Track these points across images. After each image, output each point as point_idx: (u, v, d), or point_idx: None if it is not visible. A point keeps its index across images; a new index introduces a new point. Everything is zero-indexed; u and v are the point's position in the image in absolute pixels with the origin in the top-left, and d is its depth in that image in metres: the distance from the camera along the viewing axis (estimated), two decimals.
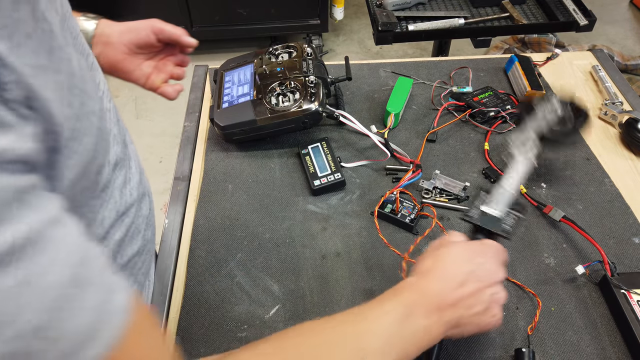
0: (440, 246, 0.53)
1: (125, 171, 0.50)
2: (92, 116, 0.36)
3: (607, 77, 0.99)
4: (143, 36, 0.69)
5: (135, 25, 0.69)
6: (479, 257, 0.52)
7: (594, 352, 0.60)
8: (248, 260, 0.71)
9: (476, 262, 0.51)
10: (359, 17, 3.00)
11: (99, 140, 0.37)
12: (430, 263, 0.51)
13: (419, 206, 0.74)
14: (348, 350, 0.43)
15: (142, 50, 0.70)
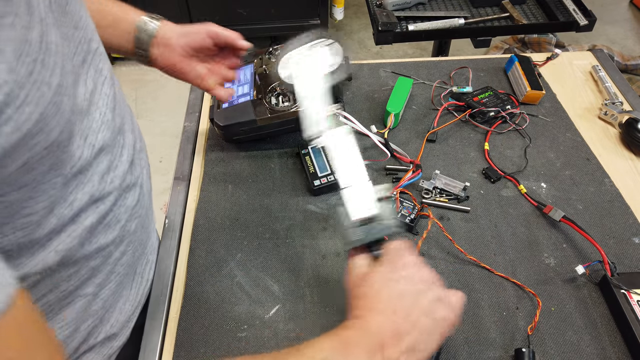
0: (357, 282, 0.49)
1: (112, 158, 0.50)
2: (43, 87, 0.35)
3: (607, 77, 0.99)
4: (199, 40, 0.72)
5: (193, 29, 0.72)
6: (394, 273, 0.48)
7: (594, 352, 0.60)
8: (248, 260, 0.71)
9: (395, 279, 0.48)
10: (359, 17, 3.00)
11: (51, 114, 0.37)
12: (359, 302, 0.48)
13: (418, 206, 0.74)
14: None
15: (198, 53, 0.73)
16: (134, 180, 0.55)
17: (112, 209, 0.51)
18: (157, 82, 2.55)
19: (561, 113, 0.94)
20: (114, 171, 0.50)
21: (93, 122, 0.46)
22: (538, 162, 0.84)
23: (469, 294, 0.66)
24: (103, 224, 0.50)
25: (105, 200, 0.49)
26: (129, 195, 0.54)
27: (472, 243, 0.72)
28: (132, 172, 0.55)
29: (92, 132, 0.46)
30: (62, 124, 0.39)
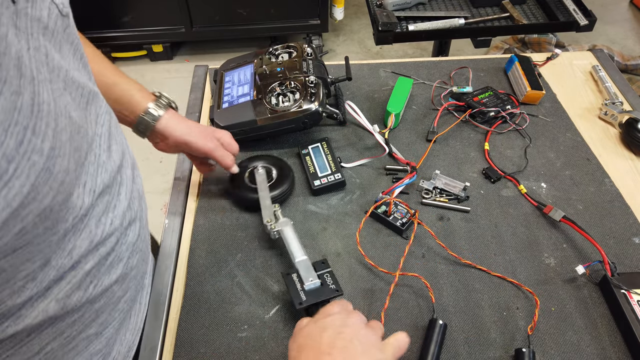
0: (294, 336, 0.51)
1: (109, 199, 0.47)
2: (34, 156, 0.32)
3: (607, 77, 0.99)
4: (196, 154, 0.73)
5: (194, 141, 0.71)
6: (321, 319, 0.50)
7: (594, 352, 0.60)
8: (248, 260, 0.71)
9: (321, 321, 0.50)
10: (359, 17, 3.00)
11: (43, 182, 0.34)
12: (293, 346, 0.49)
13: (411, 212, 0.74)
14: None
15: None
16: (134, 215, 0.53)
17: (114, 249, 0.49)
18: (157, 82, 2.55)
19: (561, 113, 0.94)
20: (113, 212, 0.48)
21: (90, 166, 0.44)
22: (538, 162, 0.84)
23: (469, 294, 0.66)
24: (105, 266, 0.48)
25: (106, 242, 0.47)
26: (129, 231, 0.52)
27: (472, 243, 0.72)
28: (131, 208, 0.52)
29: (90, 178, 0.43)
30: (55, 188, 0.36)
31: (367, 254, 0.70)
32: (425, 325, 0.63)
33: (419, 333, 0.62)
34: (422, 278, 0.66)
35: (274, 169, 0.80)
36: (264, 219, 0.70)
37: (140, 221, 0.56)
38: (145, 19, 2.44)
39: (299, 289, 0.61)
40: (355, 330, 0.48)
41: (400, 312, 0.64)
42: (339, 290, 0.61)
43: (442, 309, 0.65)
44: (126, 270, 0.52)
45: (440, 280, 0.68)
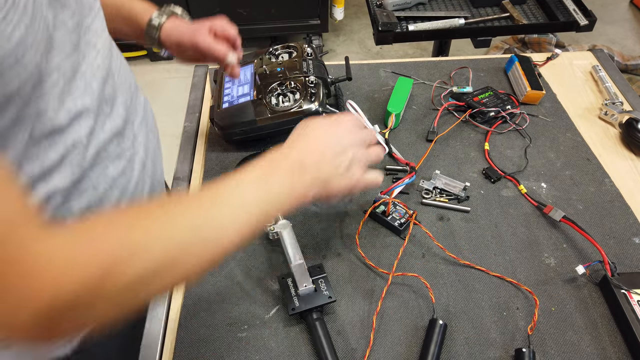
0: (303, 126, 0.57)
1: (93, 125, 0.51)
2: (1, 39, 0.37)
3: (607, 77, 0.99)
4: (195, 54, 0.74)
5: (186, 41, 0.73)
6: (334, 127, 0.57)
7: (594, 352, 0.60)
8: (248, 260, 0.71)
9: (333, 130, 0.56)
10: (359, 17, 3.00)
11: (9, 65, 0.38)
12: (294, 137, 0.56)
13: (409, 212, 0.74)
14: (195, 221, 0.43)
15: None
16: (120, 152, 0.56)
17: (88, 175, 0.52)
18: (157, 82, 2.55)
19: (561, 113, 0.94)
20: (93, 139, 0.51)
21: (76, 90, 0.48)
22: (538, 162, 0.84)
23: (469, 294, 0.66)
24: (78, 190, 0.51)
25: (81, 165, 0.50)
26: (110, 165, 0.55)
27: (472, 243, 0.72)
28: (119, 144, 0.56)
29: (71, 99, 0.48)
30: (22, 79, 0.40)
31: (366, 254, 0.70)
32: (425, 325, 0.63)
33: (419, 333, 0.62)
34: (422, 278, 0.66)
35: None
36: None
37: (129, 162, 0.59)
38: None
39: (293, 294, 0.62)
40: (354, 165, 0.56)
41: (400, 312, 0.64)
42: (332, 297, 0.62)
43: (442, 309, 0.65)
44: (101, 202, 0.54)
45: (440, 280, 0.68)
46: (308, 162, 0.51)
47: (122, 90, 0.58)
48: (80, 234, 0.38)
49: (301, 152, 0.53)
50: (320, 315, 0.62)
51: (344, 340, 0.62)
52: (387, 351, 0.61)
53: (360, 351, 0.61)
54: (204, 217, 0.44)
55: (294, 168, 0.50)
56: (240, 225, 0.46)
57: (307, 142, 0.54)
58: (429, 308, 0.64)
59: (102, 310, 0.39)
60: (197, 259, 0.43)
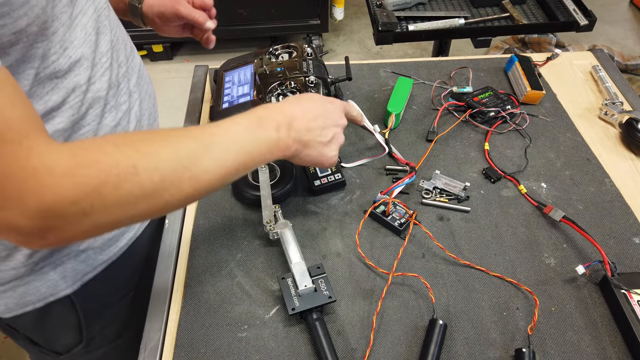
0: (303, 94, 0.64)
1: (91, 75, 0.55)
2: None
3: (607, 77, 0.99)
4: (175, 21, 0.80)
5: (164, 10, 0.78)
6: (329, 103, 0.63)
7: (594, 352, 0.60)
8: (248, 260, 0.71)
9: (327, 105, 0.63)
10: (359, 17, 3.00)
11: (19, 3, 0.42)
12: (293, 98, 0.61)
13: (409, 212, 0.74)
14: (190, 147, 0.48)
15: None
16: (116, 104, 0.60)
17: (86, 120, 0.56)
18: (157, 82, 2.54)
19: (561, 113, 0.94)
20: (92, 86, 0.55)
21: (75, 38, 0.52)
22: (538, 162, 0.84)
23: (469, 294, 0.66)
24: (78, 133, 0.55)
25: (79, 109, 0.54)
26: (107, 114, 0.59)
27: (472, 243, 0.72)
28: (116, 96, 0.60)
29: (72, 46, 0.51)
30: (31, 17, 0.44)
31: (366, 254, 0.70)
32: (425, 325, 0.63)
33: (419, 333, 0.62)
34: (422, 278, 0.66)
35: (277, 167, 0.80)
36: (264, 219, 0.70)
37: (125, 114, 0.63)
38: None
39: (293, 294, 0.62)
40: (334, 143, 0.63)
41: (400, 312, 0.64)
42: (332, 297, 0.62)
43: (442, 309, 0.65)
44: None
45: (440, 280, 0.68)
46: (297, 124, 0.57)
47: (118, 49, 0.61)
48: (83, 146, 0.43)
49: (295, 112, 0.58)
50: (320, 315, 0.62)
51: (344, 340, 0.62)
52: (387, 351, 0.61)
53: (360, 351, 0.61)
54: (201, 148, 0.48)
55: (283, 123, 0.56)
56: (229, 160, 0.51)
57: (303, 107, 0.60)
58: (429, 308, 0.64)
59: (97, 220, 0.42)
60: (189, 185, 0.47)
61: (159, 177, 0.44)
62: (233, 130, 0.53)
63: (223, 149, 0.50)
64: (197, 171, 0.47)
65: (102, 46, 0.57)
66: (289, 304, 0.61)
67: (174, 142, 0.47)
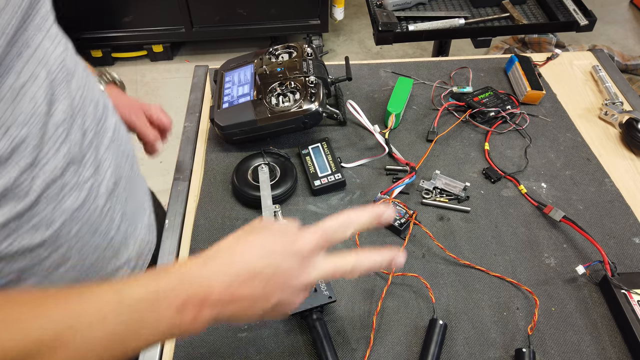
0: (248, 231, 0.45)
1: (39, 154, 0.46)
2: None
3: (608, 77, 0.99)
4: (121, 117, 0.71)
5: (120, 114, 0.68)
6: (288, 255, 0.43)
7: (594, 352, 0.60)
8: None
9: (274, 259, 0.42)
10: (359, 17, 3.00)
11: None
12: (223, 246, 0.44)
13: (409, 212, 0.74)
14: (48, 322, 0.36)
15: None
16: (78, 182, 0.50)
17: (38, 209, 0.47)
18: (156, 82, 2.55)
19: (561, 113, 0.94)
20: (41, 168, 0.46)
21: (20, 114, 0.43)
22: (538, 162, 0.84)
23: (469, 294, 0.66)
24: (29, 225, 0.46)
25: (25, 198, 0.45)
26: (67, 197, 0.49)
27: (473, 243, 0.72)
28: (77, 173, 0.50)
29: (16, 125, 0.42)
30: None
31: None
32: (425, 325, 0.63)
33: (419, 333, 0.62)
34: (422, 278, 0.66)
35: (277, 167, 0.80)
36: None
37: (92, 191, 0.52)
38: (145, 19, 2.44)
39: None
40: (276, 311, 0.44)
41: (400, 312, 0.64)
42: (332, 297, 0.62)
43: (442, 309, 0.65)
44: (57, 237, 0.49)
45: (440, 280, 0.68)
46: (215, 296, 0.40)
47: (83, 113, 0.52)
48: None
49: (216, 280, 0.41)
50: (320, 315, 0.62)
51: (344, 340, 0.62)
52: (387, 351, 0.61)
53: (360, 351, 0.61)
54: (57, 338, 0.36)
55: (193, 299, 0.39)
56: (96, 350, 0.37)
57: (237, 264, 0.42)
58: (429, 308, 0.64)
59: None
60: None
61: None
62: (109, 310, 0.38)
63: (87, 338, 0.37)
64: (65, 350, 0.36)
65: (57, 116, 0.48)
66: None
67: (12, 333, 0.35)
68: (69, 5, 2.30)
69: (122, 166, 0.60)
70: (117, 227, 0.59)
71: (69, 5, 2.30)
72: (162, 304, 0.39)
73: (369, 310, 0.65)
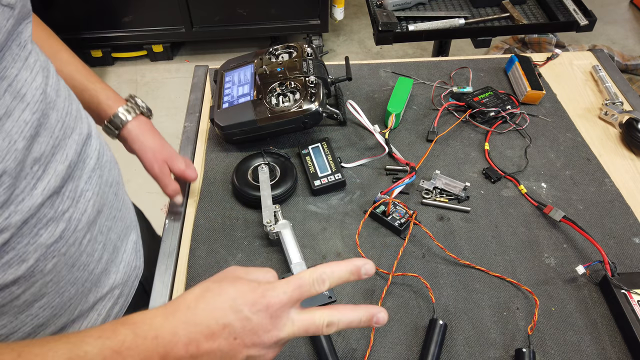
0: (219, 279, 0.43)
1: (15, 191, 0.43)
2: None
3: (608, 77, 0.99)
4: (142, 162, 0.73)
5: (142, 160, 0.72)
6: (249, 308, 0.40)
7: (594, 353, 0.60)
8: (248, 260, 0.71)
9: (244, 312, 0.40)
10: (359, 17, 3.00)
11: None
12: (190, 296, 0.41)
13: (410, 212, 0.74)
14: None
15: None
16: (55, 215, 0.48)
17: (13, 246, 0.44)
18: (156, 82, 2.55)
19: (561, 113, 0.94)
20: (17, 205, 0.43)
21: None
22: (538, 162, 0.84)
23: (469, 294, 0.66)
24: (2, 261, 0.44)
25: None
26: (43, 231, 0.47)
27: (473, 243, 0.72)
28: (54, 206, 0.48)
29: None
30: None
31: (366, 254, 0.70)
32: (425, 325, 0.63)
33: (419, 333, 0.62)
34: (422, 278, 0.66)
35: (277, 167, 0.80)
36: (264, 219, 0.70)
37: (69, 223, 0.50)
38: (145, 20, 2.44)
39: None
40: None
41: (400, 312, 0.64)
42: (332, 297, 0.62)
43: (442, 309, 0.65)
44: (31, 273, 0.47)
45: (440, 280, 0.68)
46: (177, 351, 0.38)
47: (64, 145, 0.49)
48: None
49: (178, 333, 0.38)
50: None
51: (344, 340, 0.62)
52: (387, 351, 0.61)
53: (360, 351, 0.61)
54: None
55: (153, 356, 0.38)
56: None
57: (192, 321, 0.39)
58: (429, 308, 0.64)
59: None
60: None
61: None
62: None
63: None
64: None
65: (36, 151, 0.45)
66: None
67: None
68: (69, 5, 2.31)
69: (105, 194, 0.57)
70: (99, 258, 0.57)
71: (69, 5, 2.30)
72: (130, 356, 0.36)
73: None
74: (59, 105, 0.50)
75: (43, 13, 0.66)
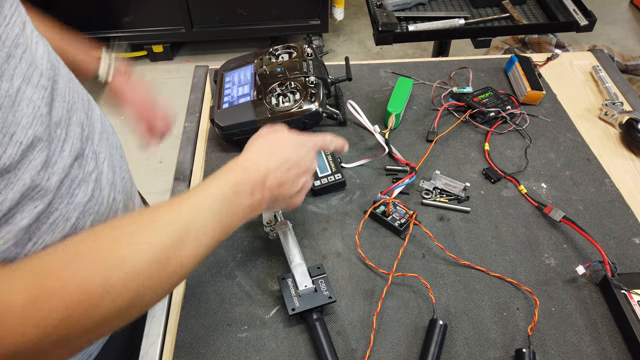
0: (270, 132, 0.59)
1: (49, 154, 0.47)
2: None
3: (608, 77, 0.99)
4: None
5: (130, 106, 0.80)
6: (303, 147, 0.59)
7: (594, 353, 0.60)
8: (248, 260, 0.71)
9: (301, 150, 0.58)
10: (359, 18, 3.00)
11: None
12: (260, 144, 0.57)
13: (410, 212, 0.74)
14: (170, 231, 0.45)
15: None
16: (84, 176, 0.52)
17: (56, 207, 0.48)
18: (156, 82, 2.55)
19: (561, 113, 0.94)
20: (52, 167, 0.47)
21: (23, 117, 0.43)
22: (538, 162, 0.84)
23: (469, 294, 0.66)
24: (47, 224, 0.48)
25: (44, 198, 0.46)
26: (77, 191, 0.51)
27: (473, 243, 0.72)
28: (82, 167, 0.52)
29: (20, 129, 0.43)
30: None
31: (366, 254, 0.70)
32: (425, 325, 0.63)
33: (419, 333, 0.62)
34: (422, 278, 0.66)
35: None
36: (264, 220, 0.70)
37: (97, 182, 0.55)
38: (145, 20, 2.44)
39: (293, 294, 0.63)
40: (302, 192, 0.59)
41: (400, 312, 0.64)
42: (332, 297, 0.62)
43: (442, 309, 0.65)
44: (76, 232, 0.52)
45: (441, 280, 0.68)
46: (270, 180, 0.54)
47: (76, 108, 0.53)
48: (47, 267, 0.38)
49: (270, 166, 0.54)
50: (320, 315, 0.62)
51: (344, 341, 0.62)
52: (387, 351, 0.61)
53: (360, 351, 0.61)
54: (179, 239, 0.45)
55: (258, 184, 0.53)
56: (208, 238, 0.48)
57: (278, 156, 0.56)
58: (429, 308, 0.64)
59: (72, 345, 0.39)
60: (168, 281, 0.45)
61: (136, 285, 0.41)
62: (210, 208, 0.49)
63: (202, 232, 0.47)
64: (177, 263, 0.45)
65: (56, 115, 0.49)
66: (289, 304, 0.61)
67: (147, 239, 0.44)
68: (70, 5, 2.31)
69: (114, 157, 0.61)
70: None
71: (69, 5, 2.30)
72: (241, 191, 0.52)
73: (369, 311, 0.65)
74: (62, 71, 0.52)
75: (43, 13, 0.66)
